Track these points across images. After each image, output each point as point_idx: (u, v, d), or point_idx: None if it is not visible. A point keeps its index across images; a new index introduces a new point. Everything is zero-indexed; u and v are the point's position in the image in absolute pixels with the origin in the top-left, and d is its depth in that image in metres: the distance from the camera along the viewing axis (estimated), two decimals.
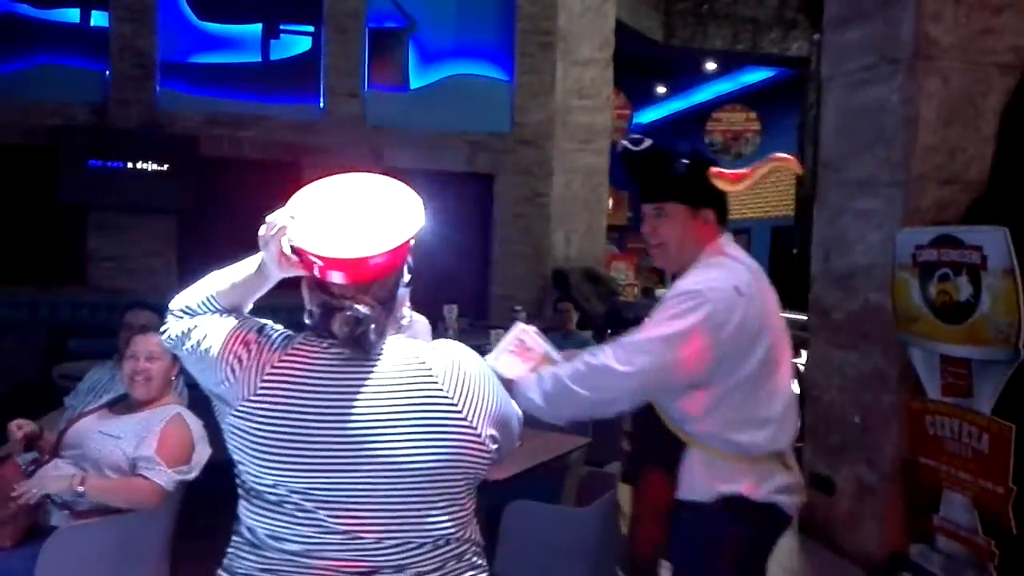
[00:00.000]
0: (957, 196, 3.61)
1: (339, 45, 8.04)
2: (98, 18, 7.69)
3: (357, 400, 1.22)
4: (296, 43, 8.24)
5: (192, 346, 1.32)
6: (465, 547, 1.30)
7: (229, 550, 1.31)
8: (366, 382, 1.24)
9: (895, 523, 3.67)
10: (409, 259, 1.35)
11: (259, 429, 1.23)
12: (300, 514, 1.22)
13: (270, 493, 1.24)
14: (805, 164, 11.58)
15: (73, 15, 7.71)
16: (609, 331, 6.49)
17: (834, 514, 4.04)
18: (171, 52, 7.78)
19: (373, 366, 1.25)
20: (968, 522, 3.20)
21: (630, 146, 2.05)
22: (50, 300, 7.21)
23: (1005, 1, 3.53)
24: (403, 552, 1.23)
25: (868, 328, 3.85)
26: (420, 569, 1.24)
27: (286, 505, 1.22)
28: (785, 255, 12.15)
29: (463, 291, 7.54)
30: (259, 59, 8.08)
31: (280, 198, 1.41)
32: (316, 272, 1.27)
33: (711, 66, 12.79)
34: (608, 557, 2.79)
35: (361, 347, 1.23)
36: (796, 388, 5.42)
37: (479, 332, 6.81)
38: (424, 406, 1.24)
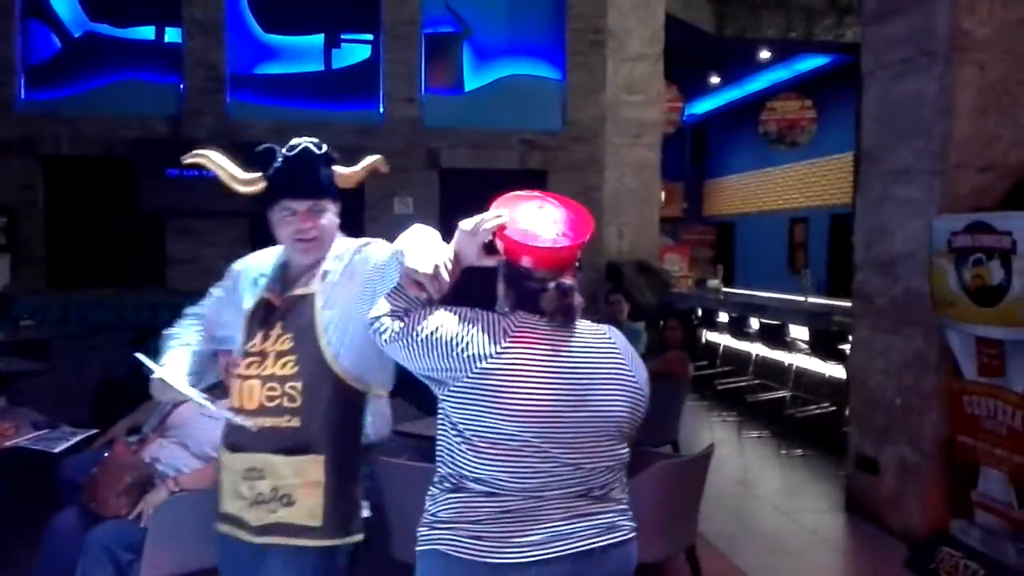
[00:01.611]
0: (995, 183, 3.71)
1: (397, 52, 8.37)
2: (171, 35, 8.18)
3: (573, 363, 1.57)
4: (356, 51, 8.60)
5: (423, 333, 1.56)
6: (624, 469, 1.68)
7: (450, 505, 1.56)
8: (577, 348, 1.59)
9: (936, 500, 3.80)
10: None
11: (502, 384, 1.52)
12: (538, 454, 1.52)
13: (511, 440, 1.51)
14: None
15: (148, 33, 8.21)
16: (662, 323, 6.66)
17: (879, 493, 4.17)
18: (239, 64, 8.23)
19: (577, 335, 1.60)
20: (1005, 496, 3.33)
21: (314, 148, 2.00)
22: (133, 301, 7.72)
23: None
24: (605, 475, 1.60)
25: (909, 313, 3.97)
26: (612, 486, 1.61)
27: (526, 449, 1.52)
28: (844, 243, 12.08)
29: None
30: (321, 68, 8.46)
31: (349, 199, 1.82)
32: (525, 262, 1.59)
33: (765, 55, 12.74)
34: None
35: (569, 316, 1.58)
36: (844, 372, 5.53)
37: None
38: (614, 369, 1.61)
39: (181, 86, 8.04)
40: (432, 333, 1.56)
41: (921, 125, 3.87)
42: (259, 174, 1.93)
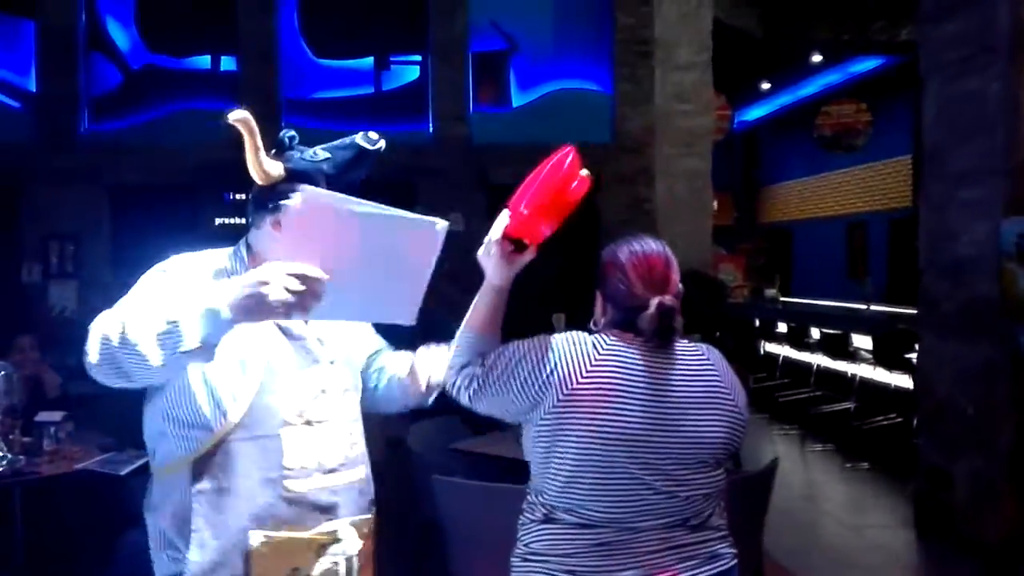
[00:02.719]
0: None
1: (445, 71, 8.45)
2: (226, 63, 8.40)
3: (668, 385, 1.52)
4: (405, 72, 8.71)
5: (506, 368, 1.53)
6: (722, 495, 1.62)
7: (542, 537, 1.53)
8: (672, 369, 1.54)
9: (1014, 514, 3.64)
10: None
11: (593, 406, 1.48)
12: (631, 481, 1.48)
13: (602, 466, 1.47)
14: (921, 152, 11.18)
15: (205, 62, 8.45)
16: (718, 333, 6.56)
17: (951, 507, 4.02)
18: (293, 89, 8.41)
19: (674, 356, 1.56)
20: None
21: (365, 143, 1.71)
22: None
23: None
24: (701, 503, 1.54)
25: (978, 319, 3.83)
26: (708, 513, 1.56)
27: (618, 475, 1.48)
28: (904, 248, 11.74)
29: (571, 300, 7.75)
30: (372, 90, 8.59)
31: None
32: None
33: (817, 58, 12.51)
34: None
35: (668, 337, 1.54)
36: (910, 382, 5.36)
37: None
38: (712, 391, 1.56)
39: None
40: (516, 365, 1.53)
41: (984, 124, 3.75)
42: (279, 164, 1.62)
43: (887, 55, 11.89)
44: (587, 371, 1.50)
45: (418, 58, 8.61)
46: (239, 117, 1.58)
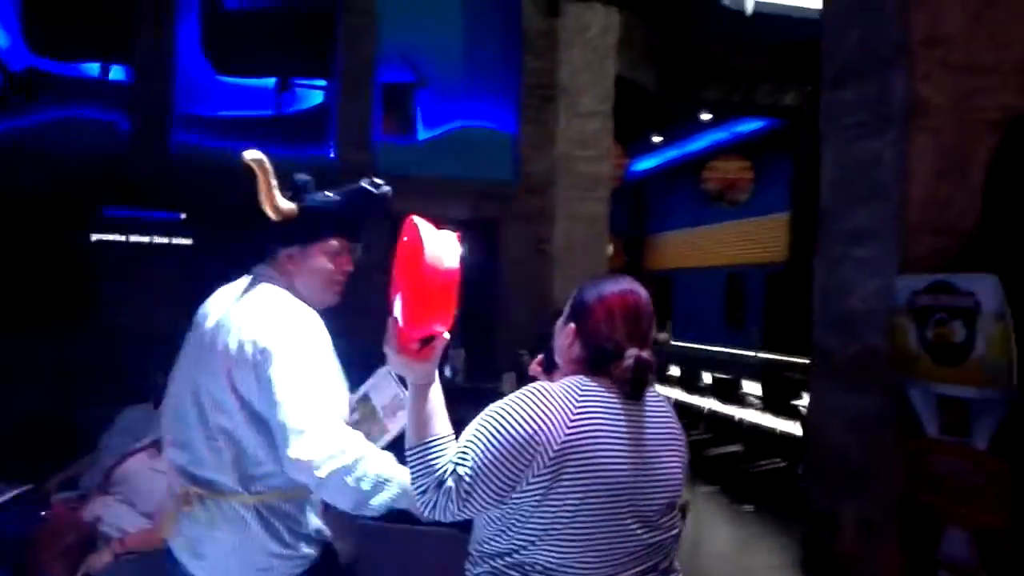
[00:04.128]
0: (950, 245, 3.82)
1: (350, 98, 8.32)
2: (117, 72, 7.97)
3: (642, 429, 1.52)
4: (309, 96, 8.53)
5: (484, 473, 1.41)
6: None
7: None
8: (643, 413, 1.53)
9: (897, 560, 3.81)
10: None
11: (582, 461, 1.42)
12: (619, 530, 1.45)
13: (594, 518, 1.43)
14: (799, 211, 11.89)
15: (93, 69, 7.99)
16: None
17: (838, 552, 4.17)
18: (188, 105, 8.05)
19: (644, 403, 1.55)
20: (969, 556, 3.35)
21: (371, 188, 2.03)
22: (58, 342, 7.33)
23: (991, 63, 3.79)
24: (669, 546, 1.55)
25: (868, 370, 4.03)
26: (672, 557, 1.57)
27: (610, 527, 1.44)
28: (778, 299, 12.39)
29: (469, 336, 7.71)
30: (272, 111, 8.36)
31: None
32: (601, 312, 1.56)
33: (706, 116, 13.15)
34: None
35: (640, 391, 1.53)
36: (800, 430, 5.57)
37: (486, 375, 6.97)
38: (672, 433, 1.58)
39: (126, 124, 7.80)
40: (498, 454, 1.41)
41: (879, 187, 3.99)
42: (292, 205, 1.87)
43: (770, 117, 12.65)
44: (569, 424, 1.44)
45: (323, 83, 8.46)
46: (254, 158, 1.80)
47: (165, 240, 7.76)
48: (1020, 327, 3.14)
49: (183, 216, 7.84)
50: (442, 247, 1.44)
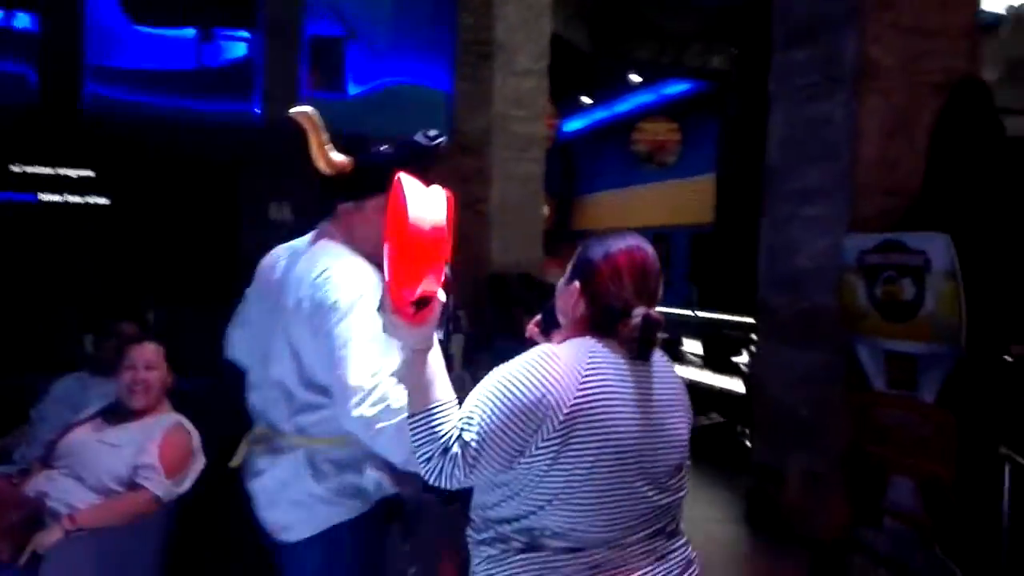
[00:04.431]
0: (897, 205, 3.92)
1: (276, 51, 7.96)
2: (23, 20, 7.39)
3: (650, 389, 1.48)
4: (232, 48, 8.12)
5: (492, 438, 1.35)
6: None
7: (527, 567, 1.40)
8: (652, 376, 1.50)
9: (842, 509, 3.94)
10: None
11: (592, 423, 1.38)
12: (629, 494, 1.42)
13: (605, 482, 1.39)
14: (725, 174, 12.10)
15: None
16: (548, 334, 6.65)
17: (782, 503, 4.30)
18: (101, 56, 7.54)
19: (651, 363, 1.51)
20: (913, 504, 3.49)
21: (423, 140, 2.02)
22: None
23: (938, 27, 3.87)
24: (676, 509, 1.55)
25: (814, 327, 4.13)
26: (679, 518, 1.57)
27: (621, 490, 1.41)
28: (707, 261, 12.63)
29: None
30: (193, 64, 7.92)
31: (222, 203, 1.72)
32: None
33: (635, 78, 13.18)
34: None
35: (648, 350, 1.48)
36: (740, 386, 5.69)
37: None
38: (677, 392, 1.56)
39: (34, 77, 7.27)
40: (505, 419, 1.35)
41: (828, 148, 4.05)
42: (344, 159, 1.90)
43: (699, 80, 12.76)
44: (578, 386, 1.39)
45: (247, 34, 8.05)
46: (301, 111, 1.86)
47: (79, 199, 7.31)
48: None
49: (97, 174, 7.39)
50: (427, 204, 1.36)
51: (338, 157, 1.90)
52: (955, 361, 3.28)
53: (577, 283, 1.54)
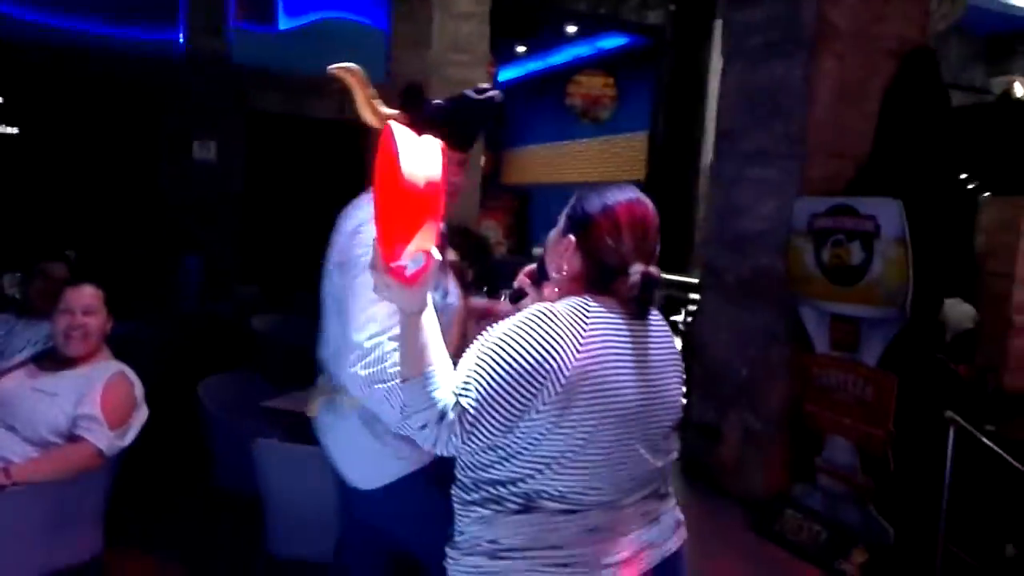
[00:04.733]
0: (845, 169, 3.96)
1: None
2: None
3: (647, 349, 1.43)
4: None
5: (491, 401, 1.28)
6: None
7: (522, 530, 1.34)
8: (648, 335, 1.44)
9: (778, 465, 4.05)
10: None
11: (595, 386, 1.33)
12: (627, 455, 1.38)
13: (605, 444, 1.34)
14: (659, 131, 12.14)
15: None
16: (485, 288, 6.56)
17: (720, 459, 4.38)
18: None
19: (648, 322, 1.45)
20: (849, 463, 3.60)
21: (473, 94, 1.98)
22: None
23: None
24: (668, 469, 1.52)
25: (759, 289, 4.17)
26: (668, 480, 1.56)
27: (617, 449, 1.36)
28: None
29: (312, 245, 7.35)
30: None
31: (142, 138, 1.55)
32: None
33: (571, 29, 13.00)
34: None
35: (646, 308, 1.43)
36: (679, 343, 5.73)
37: None
38: (672, 352, 1.51)
39: None
40: (505, 381, 1.28)
41: (781, 110, 4.04)
42: (393, 112, 1.84)
43: (635, 35, 12.68)
44: (580, 349, 1.32)
45: None
46: (344, 67, 1.81)
47: None
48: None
49: (5, 101, 6.85)
50: (420, 155, 1.24)
51: (387, 111, 1.86)
52: (898, 325, 3.36)
53: (572, 237, 1.46)
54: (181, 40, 7.56)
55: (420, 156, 1.22)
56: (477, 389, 1.27)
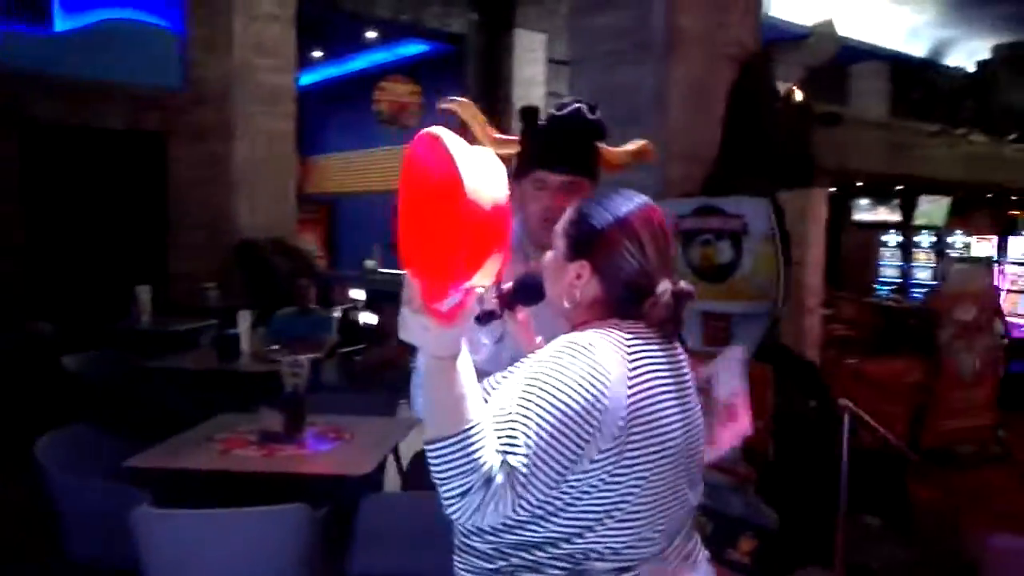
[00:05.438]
0: (695, 171, 4.10)
1: None
2: None
3: (683, 379, 1.30)
4: None
5: (547, 455, 1.10)
6: None
7: None
8: (678, 359, 1.31)
9: None
10: None
11: (644, 434, 1.18)
12: (675, 498, 1.24)
13: (658, 490, 1.20)
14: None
15: None
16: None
17: None
18: None
19: (675, 344, 1.32)
20: (730, 454, 3.70)
21: (555, 111, 1.80)
22: None
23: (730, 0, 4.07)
24: (702, 483, 1.36)
25: None
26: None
27: (669, 493, 1.22)
28: None
29: (139, 269, 6.62)
30: None
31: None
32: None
33: (371, 35, 12.73)
34: None
35: (678, 328, 1.29)
36: None
37: (173, 314, 6.06)
38: (691, 373, 1.36)
39: None
40: (559, 432, 1.10)
41: (636, 115, 4.11)
42: (514, 137, 1.76)
43: (437, 42, 12.63)
44: (629, 382, 1.18)
45: None
46: (455, 102, 1.71)
47: None
48: None
49: None
50: (483, 172, 1.03)
51: (505, 138, 1.78)
52: (769, 319, 3.51)
53: (586, 262, 1.28)
54: None
55: (483, 172, 1.00)
56: (527, 443, 1.08)
